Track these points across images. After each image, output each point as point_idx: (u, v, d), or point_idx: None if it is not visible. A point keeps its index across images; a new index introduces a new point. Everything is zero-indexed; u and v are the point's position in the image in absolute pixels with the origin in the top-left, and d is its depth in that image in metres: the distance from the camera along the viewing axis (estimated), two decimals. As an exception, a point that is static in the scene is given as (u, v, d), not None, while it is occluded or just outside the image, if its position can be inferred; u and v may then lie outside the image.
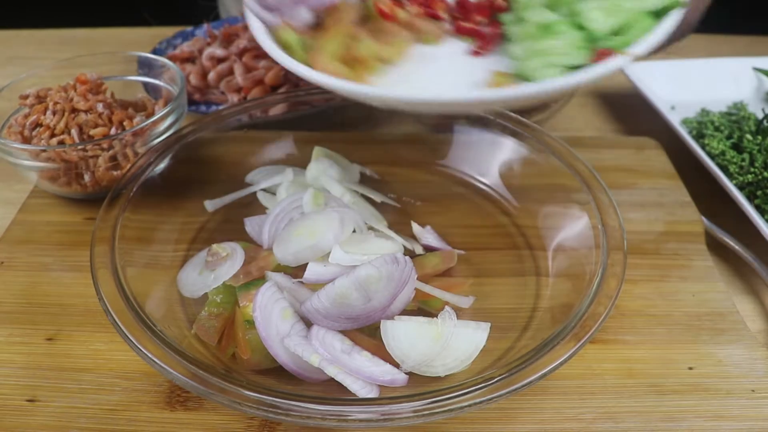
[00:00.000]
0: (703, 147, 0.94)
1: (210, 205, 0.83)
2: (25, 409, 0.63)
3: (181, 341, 0.62)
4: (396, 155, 0.93)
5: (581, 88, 1.12)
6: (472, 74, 0.63)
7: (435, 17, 0.67)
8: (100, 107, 0.86)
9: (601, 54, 0.58)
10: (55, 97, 0.86)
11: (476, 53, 0.65)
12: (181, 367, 0.56)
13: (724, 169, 0.90)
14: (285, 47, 0.64)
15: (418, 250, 0.77)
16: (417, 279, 0.69)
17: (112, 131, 0.85)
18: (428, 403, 0.53)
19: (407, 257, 0.66)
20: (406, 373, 0.62)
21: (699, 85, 1.10)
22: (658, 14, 0.62)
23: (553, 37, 0.59)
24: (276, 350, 0.62)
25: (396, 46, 0.63)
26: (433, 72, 0.64)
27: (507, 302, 0.73)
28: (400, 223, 0.82)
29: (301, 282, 0.68)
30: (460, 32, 0.66)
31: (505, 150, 0.86)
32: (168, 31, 1.25)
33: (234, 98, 1.04)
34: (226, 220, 0.83)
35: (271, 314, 0.64)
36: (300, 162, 0.88)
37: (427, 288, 0.70)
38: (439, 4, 0.67)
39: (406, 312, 0.68)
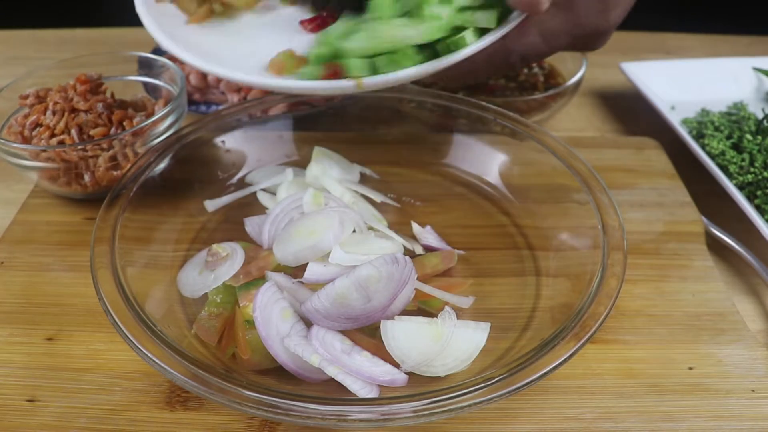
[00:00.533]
0: (703, 147, 0.94)
1: (210, 205, 0.83)
2: (25, 409, 0.63)
3: (181, 341, 0.62)
4: (396, 155, 0.93)
5: (581, 88, 1.12)
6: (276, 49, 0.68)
7: None
8: (100, 107, 0.86)
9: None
10: (55, 97, 0.86)
11: (304, 27, 0.71)
12: (181, 367, 0.56)
13: (724, 169, 0.90)
14: None
15: (418, 250, 0.77)
16: (417, 279, 0.69)
17: (112, 131, 0.85)
18: (428, 403, 0.53)
19: (407, 257, 0.66)
20: (405, 373, 0.62)
21: (699, 85, 1.10)
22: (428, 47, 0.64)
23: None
24: (276, 350, 0.62)
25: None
26: (250, 36, 0.71)
27: (507, 302, 0.73)
28: (400, 223, 0.82)
29: (301, 282, 0.68)
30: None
31: (505, 150, 0.86)
32: (168, 31, 1.24)
33: (234, 98, 1.04)
34: (226, 220, 0.83)
35: (271, 314, 0.64)
36: (300, 162, 0.88)
37: (426, 288, 0.70)
38: None
39: (406, 312, 0.68)
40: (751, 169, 0.88)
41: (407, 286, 0.66)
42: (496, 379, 0.55)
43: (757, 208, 0.85)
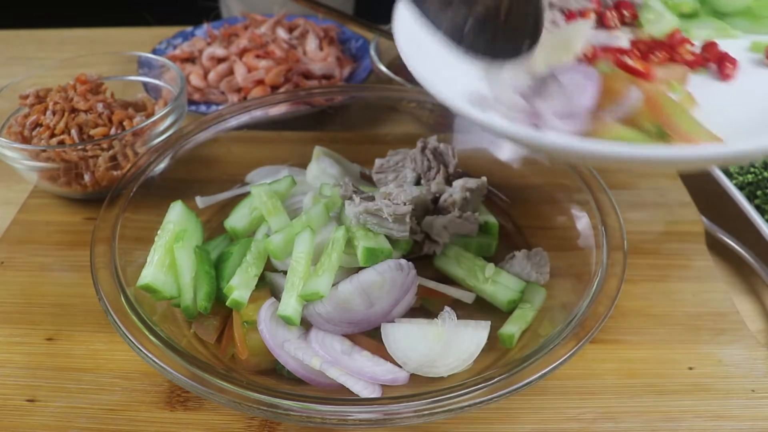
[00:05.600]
0: (703, 147, 0.93)
1: (201, 201, 0.83)
2: (25, 409, 0.63)
3: (180, 341, 0.62)
4: (396, 155, 0.93)
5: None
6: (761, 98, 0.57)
7: (671, 60, 0.61)
8: (100, 107, 0.86)
9: None
10: (55, 97, 0.86)
11: (726, 77, 0.60)
12: (181, 367, 0.56)
13: (724, 169, 0.90)
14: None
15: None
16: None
17: (112, 131, 0.85)
18: (429, 403, 0.53)
19: (410, 263, 0.66)
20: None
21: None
22: None
23: None
24: (285, 359, 0.62)
25: (684, 100, 0.57)
26: (732, 113, 0.56)
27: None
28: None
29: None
30: (693, 65, 0.61)
31: (505, 150, 0.86)
32: (168, 31, 1.25)
33: (234, 98, 1.04)
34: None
35: (277, 327, 0.64)
36: (300, 162, 0.88)
37: (430, 284, 0.70)
38: (683, 48, 0.62)
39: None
40: (751, 169, 0.88)
41: (410, 293, 0.66)
42: (496, 379, 0.55)
43: (757, 208, 0.85)
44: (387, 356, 0.63)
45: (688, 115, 0.52)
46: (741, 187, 0.87)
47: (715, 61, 0.61)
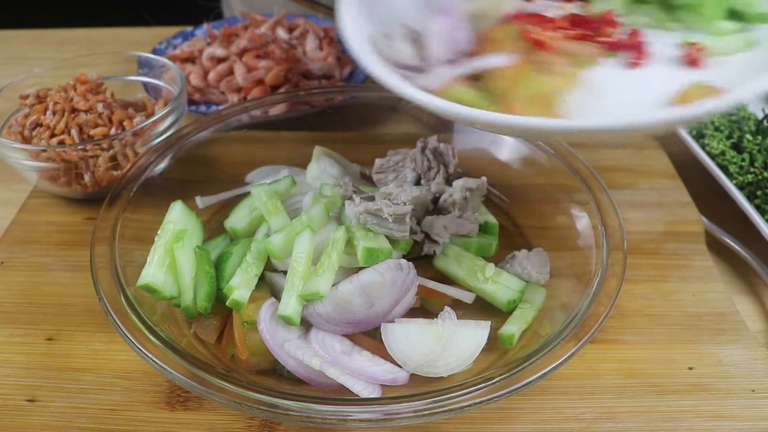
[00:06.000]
0: (703, 147, 0.94)
1: (201, 201, 0.83)
2: (25, 409, 0.63)
3: (180, 341, 0.62)
4: (396, 155, 0.93)
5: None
6: (652, 91, 0.57)
7: (585, 38, 0.62)
8: (100, 107, 0.86)
9: None
10: (55, 97, 0.86)
11: (634, 64, 0.61)
12: (181, 367, 0.56)
13: (724, 169, 0.90)
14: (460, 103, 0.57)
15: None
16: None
17: (112, 131, 0.85)
18: (429, 403, 0.53)
19: (410, 263, 0.66)
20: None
21: (699, 85, 1.10)
22: None
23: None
24: (285, 360, 0.62)
25: (564, 77, 0.58)
26: (613, 95, 0.58)
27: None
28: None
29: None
30: (611, 48, 0.62)
31: (505, 150, 0.86)
32: (168, 31, 1.25)
33: (234, 98, 1.04)
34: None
35: (277, 327, 0.64)
36: (300, 162, 0.88)
37: (430, 284, 0.70)
38: (606, 30, 0.63)
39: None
40: (751, 169, 0.88)
41: (409, 293, 0.66)
42: (496, 379, 0.55)
43: (757, 208, 0.85)
44: (387, 356, 0.63)
45: (535, 89, 0.55)
46: (741, 187, 0.87)
47: (629, 48, 0.61)
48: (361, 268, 0.66)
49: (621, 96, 0.58)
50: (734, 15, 0.61)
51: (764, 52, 0.59)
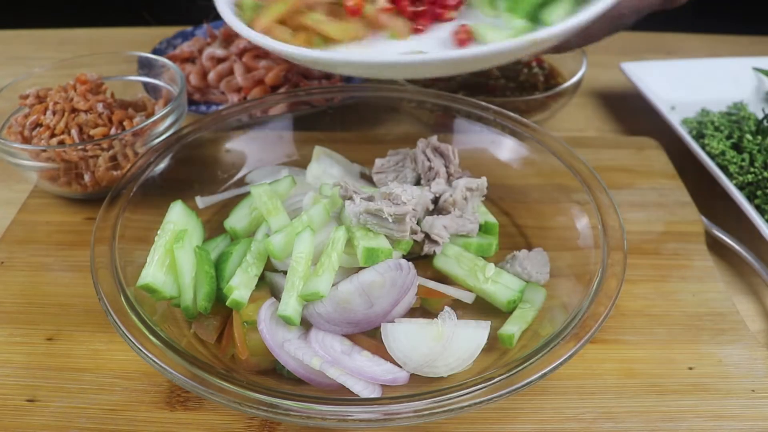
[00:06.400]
0: (703, 147, 0.94)
1: (201, 201, 0.83)
2: (25, 409, 0.63)
3: (180, 341, 0.62)
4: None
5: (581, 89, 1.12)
6: (398, 49, 0.66)
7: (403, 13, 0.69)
8: (100, 107, 0.86)
9: None
10: (55, 97, 0.86)
11: (417, 30, 0.68)
12: (181, 367, 0.56)
13: (724, 169, 0.90)
14: (238, 6, 0.69)
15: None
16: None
17: (112, 131, 0.85)
18: (429, 403, 0.53)
19: (410, 263, 0.66)
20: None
21: (699, 85, 1.10)
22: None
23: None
24: (285, 359, 0.62)
25: (344, 28, 0.66)
26: (374, 48, 0.67)
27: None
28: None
29: None
30: (403, 15, 0.69)
31: (505, 150, 0.86)
32: (168, 31, 1.25)
33: (234, 98, 1.04)
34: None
35: (277, 327, 0.64)
36: (300, 162, 0.88)
37: (430, 284, 0.70)
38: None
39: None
40: (751, 169, 0.88)
41: (409, 293, 0.66)
42: (496, 379, 0.55)
43: (757, 208, 0.85)
44: (387, 356, 0.63)
45: (318, 27, 0.66)
46: (741, 187, 0.87)
47: (414, 18, 0.68)
48: (361, 268, 0.66)
49: (382, 49, 0.67)
50: (534, 19, 0.65)
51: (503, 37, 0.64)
